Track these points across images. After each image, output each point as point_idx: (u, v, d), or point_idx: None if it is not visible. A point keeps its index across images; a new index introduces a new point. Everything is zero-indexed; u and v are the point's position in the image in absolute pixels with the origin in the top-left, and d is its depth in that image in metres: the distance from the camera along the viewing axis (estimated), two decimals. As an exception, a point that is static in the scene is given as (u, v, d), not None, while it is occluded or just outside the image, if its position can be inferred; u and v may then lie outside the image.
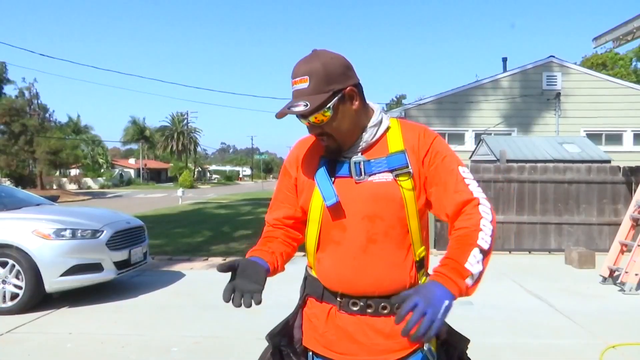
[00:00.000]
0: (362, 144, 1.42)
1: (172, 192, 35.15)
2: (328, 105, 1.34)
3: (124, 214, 6.30)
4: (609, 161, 9.78)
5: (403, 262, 1.39)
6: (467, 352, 1.47)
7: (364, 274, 1.38)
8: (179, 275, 6.45)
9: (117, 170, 58.65)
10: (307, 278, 1.54)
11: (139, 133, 61.96)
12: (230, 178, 78.35)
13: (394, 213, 1.37)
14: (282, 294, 5.35)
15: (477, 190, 1.37)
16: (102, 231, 5.17)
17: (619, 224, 7.84)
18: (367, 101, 1.45)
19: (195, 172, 63.04)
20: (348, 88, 1.36)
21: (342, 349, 1.43)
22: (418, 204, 1.39)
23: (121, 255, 5.31)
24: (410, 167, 1.38)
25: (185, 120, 63.63)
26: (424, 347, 1.38)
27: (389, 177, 1.38)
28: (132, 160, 65.10)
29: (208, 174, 79.76)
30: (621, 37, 7.33)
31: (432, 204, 1.43)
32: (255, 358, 3.64)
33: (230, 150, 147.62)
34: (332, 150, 1.43)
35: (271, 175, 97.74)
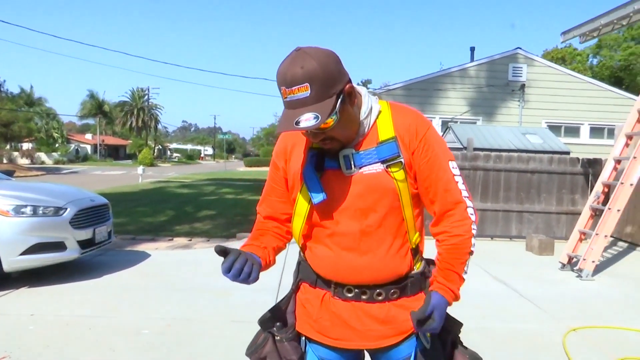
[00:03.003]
0: (359, 139, 1.34)
1: (131, 169, 34.22)
2: (335, 110, 1.23)
3: (88, 191, 6.05)
4: (568, 152, 10.15)
5: (399, 250, 1.37)
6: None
7: (359, 265, 1.35)
8: (143, 255, 6.28)
9: (72, 146, 56.39)
10: (300, 263, 1.51)
11: (96, 108, 59.56)
12: (191, 157, 76.91)
13: (387, 204, 1.34)
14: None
15: (464, 189, 1.37)
16: (66, 209, 4.95)
17: (576, 213, 8.19)
18: None
19: (156, 150, 61.41)
20: (347, 86, 1.26)
21: (336, 335, 1.41)
22: (411, 191, 1.36)
23: (85, 234, 5.11)
24: (401, 156, 1.32)
25: (146, 96, 61.61)
26: (418, 332, 1.38)
27: (379, 167, 1.32)
28: (88, 136, 62.76)
29: (168, 152, 77.93)
30: (587, 33, 7.56)
31: (420, 197, 1.40)
32: (229, 340, 3.62)
33: (192, 129, 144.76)
34: (334, 151, 1.33)
35: (233, 156, 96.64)
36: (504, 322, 4.07)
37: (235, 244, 7.32)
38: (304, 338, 1.48)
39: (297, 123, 1.20)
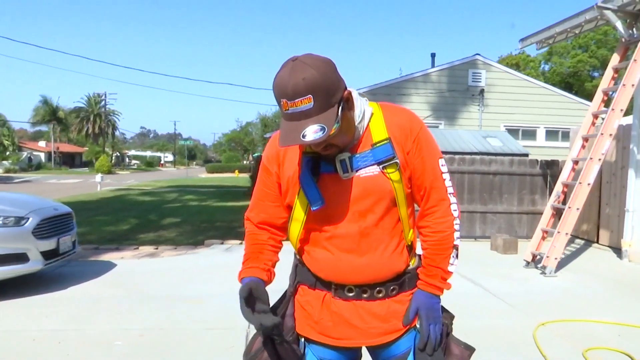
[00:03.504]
0: (354, 142, 1.35)
1: (89, 177, 33.10)
2: (337, 119, 1.22)
3: (50, 200, 5.82)
4: (527, 155, 10.55)
5: (396, 248, 1.41)
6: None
7: (360, 266, 1.37)
8: (109, 265, 6.09)
9: (25, 154, 54.03)
10: (297, 266, 1.51)
11: (50, 114, 57.33)
12: (151, 164, 75.17)
13: (384, 205, 1.36)
14: (222, 282, 5.26)
15: (450, 186, 1.43)
16: (28, 218, 4.74)
17: (536, 213, 8.52)
18: None
19: (113, 157, 59.62)
20: (345, 92, 1.26)
21: (338, 334, 1.42)
22: (406, 191, 1.39)
23: (49, 245, 4.90)
24: (396, 157, 1.34)
25: (103, 102, 59.85)
26: (417, 326, 1.43)
27: (375, 170, 1.34)
28: (42, 143, 60.35)
29: (127, 160, 75.85)
30: (543, 40, 7.89)
31: (412, 194, 1.44)
32: (208, 348, 3.55)
33: (151, 135, 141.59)
34: (331, 156, 1.33)
35: (194, 162, 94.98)
36: (477, 319, 4.17)
37: (203, 252, 7.23)
38: (302, 340, 1.48)
39: (304, 136, 1.19)
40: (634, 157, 6.60)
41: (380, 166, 1.34)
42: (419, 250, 1.51)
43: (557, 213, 6.56)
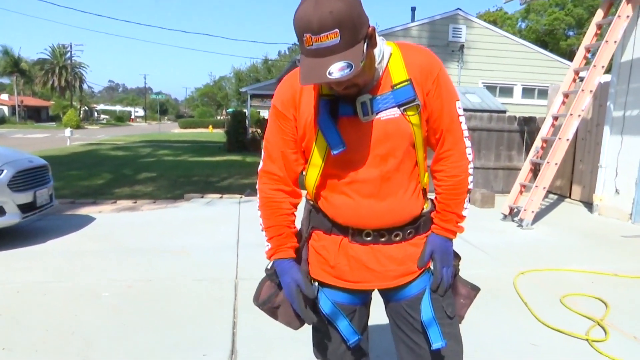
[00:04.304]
0: (374, 83, 1.30)
1: (57, 132, 32.08)
2: (363, 56, 1.15)
3: (24, 152, 5.61)
4: (504, 112, 10.65)
5: (413, 192, 1.40)
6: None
7: (380, 211, 1.36)
8: (88, 219, 5.98)
9: (-14, 107, 51.75)
10: (311, 211, 1.48)
11: (12, 65, 54.53)
12: (121, 119, 73.12)
13: (404, 149, 1.34)
14: (206, 235, 5.25)
15: (465, 130, 1.42)
16: (2, 170, 4.57)
17: (512, 169, 8.70)
18: None
19: (82, 112, 57.66)
20: (370, 28, 1.18)
21: (355, 278, 1.42)
22: (423, 134, 1.37)
23: (25, 198, 4.77)
24: (417, 99, 1.30)
25: (69, 54, 57.19)
26: (430, 268, 1.45)
27: (396, 112, 1.30)
28: (4, 96, 57.76)
29: (96, 114, 73.56)
30: (528, -6, 7.80)
31: (428, 138, 1.42)
32: (200, 298, 3.57)
33: (120, 89, 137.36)
34: (351, 98, 1.27)
35: (166, 117, 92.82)
36: (463, 269, 4.29)
37: (184, 205, 7.16)
38: (316, 284, 1.47)
39: (330, 73, 1.12)
40: (609, 115, 6.74)
41: (401, 108, 1.30)
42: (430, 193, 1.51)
43: (536, 168, 6.70)
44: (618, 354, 2.77)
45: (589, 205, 7.31)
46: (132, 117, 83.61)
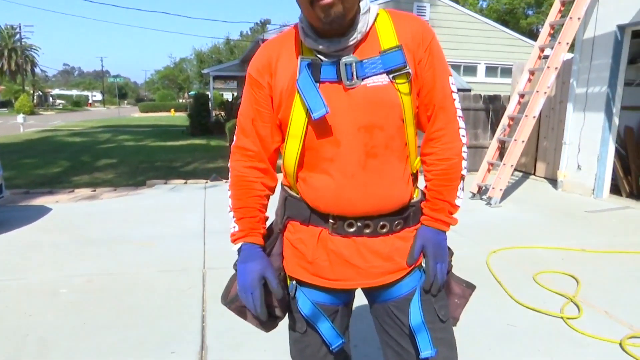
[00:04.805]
0: (357, 35, 1.17)
1: (9, 118, 30.56)
2: None
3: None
4: (469, 90, 10.71)
5: (402, 176, 1.26)
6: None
7: (365, 193, 1.21)
8: (43, 210, 5.65)
9: None
10: (286, 198, 1.33)
11: (-45, 47, 51.49)
12: (78, 104, 70.36)
13: (393, 122, 1.20)
14: (171, 223, 5.04)
15: (459, 109, 1.29)
16: (-57, 160, 4.21)
17: (479, 147, 8.76)
18: None
19: (35, 97, 55.12)
20: None
21: (335, 275, 1.27)
22: (414, 109, 1.24)
23: (-29, 189, 4.43)
24: (408, 67, 1.18)
25: (18, 35, 54.28)
26: (422, 265, 1.32)
27: (384, 79, 1.18)
28: (-52, 81, 54.50)
29: (51, 99, 70.50)
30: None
31: (418, 115, 1.29)
32: (164, 290, 3.39)
33: (76, 73, 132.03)
34: (333, 20, 1.12)
35: (126, 101, 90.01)
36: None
37: (147, 192, 6.87)
38: (293, 282, 1.32)
39: None
40: (573, 92, 6.82)
41: (390, 75, 1.17)
42: (420, 183, 1.38)
43: (503, 146, 6.74)
44: (591, 330, 2.78)
45: (553, 181, 7.45)
46: (90, 101, 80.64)
